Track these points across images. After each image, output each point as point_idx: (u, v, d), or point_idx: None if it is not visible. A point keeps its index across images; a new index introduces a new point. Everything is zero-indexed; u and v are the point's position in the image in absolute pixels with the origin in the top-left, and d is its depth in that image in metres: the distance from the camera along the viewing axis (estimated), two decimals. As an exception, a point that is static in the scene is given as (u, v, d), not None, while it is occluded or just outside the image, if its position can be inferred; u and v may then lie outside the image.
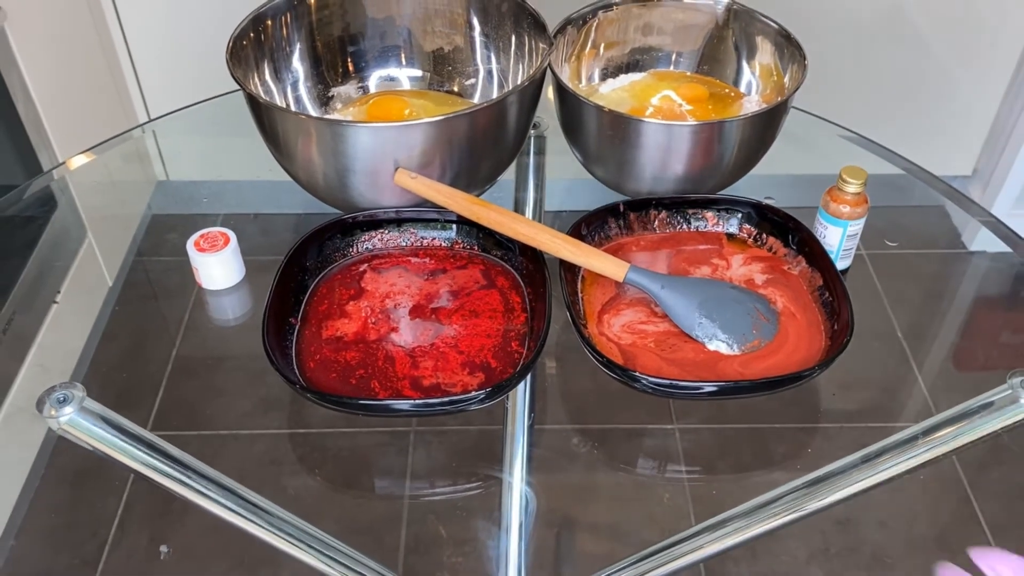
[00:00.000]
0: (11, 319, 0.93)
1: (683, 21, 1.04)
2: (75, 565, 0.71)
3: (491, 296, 0.86)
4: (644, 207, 0.92)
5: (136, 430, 0.78)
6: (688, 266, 0.89)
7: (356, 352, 0.81)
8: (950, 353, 0.91)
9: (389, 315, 0.84)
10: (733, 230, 0.92)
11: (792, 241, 0.90)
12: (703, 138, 0.87)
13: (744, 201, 0.92)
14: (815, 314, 0.84)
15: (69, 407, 0.77)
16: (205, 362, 0.88)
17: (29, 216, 1.06)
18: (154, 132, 1.22)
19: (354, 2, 1.02)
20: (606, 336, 0.82)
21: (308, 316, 0.84)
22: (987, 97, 1.77)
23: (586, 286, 0.87)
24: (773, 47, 0.99)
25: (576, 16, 1.00)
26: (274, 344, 0.78)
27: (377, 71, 1.06)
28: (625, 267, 0.82)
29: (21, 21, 1.30)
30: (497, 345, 0.81)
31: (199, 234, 0.92)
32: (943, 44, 1.69)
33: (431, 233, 0.92)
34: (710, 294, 0.83)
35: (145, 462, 0.76)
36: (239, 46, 0.92)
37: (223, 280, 0.92)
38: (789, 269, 0.89)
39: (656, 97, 1.01)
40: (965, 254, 1.03)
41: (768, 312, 0.84)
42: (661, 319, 0.84)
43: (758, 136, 0.92)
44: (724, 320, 0.82)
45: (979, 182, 1.88)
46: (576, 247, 0.83)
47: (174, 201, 1.12)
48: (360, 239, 0.91)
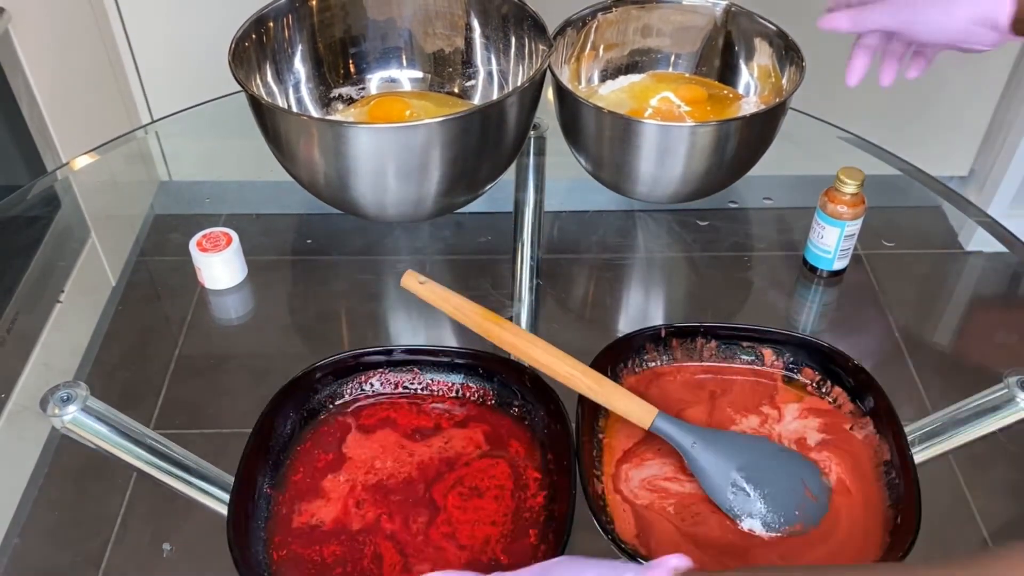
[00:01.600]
0: (15, 318, 0.93)
1: (681, 23, 1.04)
2: (78, 563, 0.71)
3: (498, 468, 0.71)
4: (691, 335, 0.78)
5: (139, 429, 0.78)
6: (733, 413, 0.75)
7: (336, 546, 0.66)
8: (947, 353, 0.92)
9: (375, 493, 0.69)
10: (792, 372, 0.78)
11: (860, 399, 0.75)
12: (702, 139, 0.88)
13: (810, 343, 0.77)
14: (875, 494, 0.69)
15: (72, 406, 0.77)
16: (207, 361, 0.89)
17: (33, 216, 1.06)
18: (157, 133, 1.22)
19: (355, 4, 1.03)
20: (621, 493, 0.69)
21: (284, 484, 0.70)
22: (983, 98, 1.78)
23: (610, 422, 0.74)
24: (771, 49, 1.00)
25: (576, 18, 1.01)
26: (241, 523, 0.64)
27: (378, 72, 1.07)
28: (652, 413, 0.70)
29: (25, 23, 1.31)
30: (508, 535, 0.67)
31: (201, 234, 0.92)
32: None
33: (434, 376, 0.77)
34: (751, 457, 0.69)
35: (148, 460, 0.76)
36: (241, 48, 0.92)
37: (225, 280, 0.93)
38: (853, 431, 0.74)
39: (655, 98, 1.02)
40: (962, 254, 1.03)
41: (818, 487, 0.69)
42: (689, 478, 0.70)
43: (756, 137, 0.92)
44: (764, 492, 0.68)
45: (975, 183, 1.88)
46: (598, 383, 0.70)
47: (177, 201, 1.12)
48: (358, 378, 0.77)
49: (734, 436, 0.72)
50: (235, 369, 0.88)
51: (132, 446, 0.77)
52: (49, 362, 0.88)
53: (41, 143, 1.38)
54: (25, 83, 1.33)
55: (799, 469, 0.70)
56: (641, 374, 0.77)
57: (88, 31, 1.55)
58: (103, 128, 1.41)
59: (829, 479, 0.70)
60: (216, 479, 0.75)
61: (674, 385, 0.77)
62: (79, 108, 1.50)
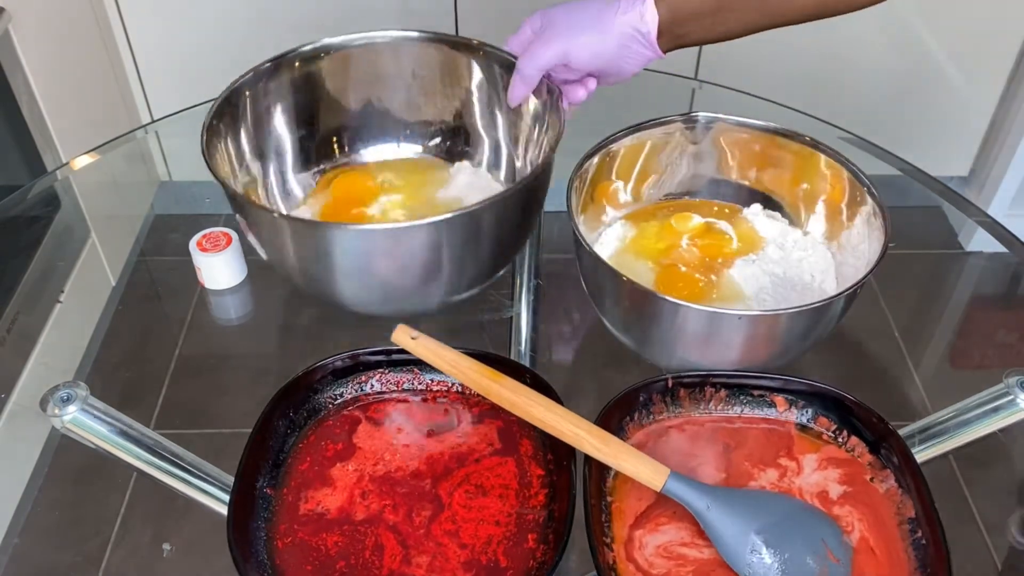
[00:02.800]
0: (15, 318, 0.93)
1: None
2: (78, 563, 0.71)
3: (506, 467, 0.71)
4: (699, 385, 0.74)
5: (139, 428, 0.79)
6: (751, 466, 0.71)
7: (339, 536, 0.66)
8: (947, 353, 0.92)
9: (381, 485, 0.70)
10: (806, 421, 0.74)
11: (879, 449, 0.70)
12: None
13: (824, 391, 0.72)
14: (901, 554, 0.65)
15: (72, 406, 0.77)
16: (207, 361, 0.89)
17: (33, 216, 1.06)
18: (157, 133, 1.22)
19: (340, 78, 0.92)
20: (635, 562, 0.65)
21: (287, 475, 0.70)
22: (984, 98, 1.78)
23: (618, 483, 0.69)
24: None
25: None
26: (241, 523, 0.64)
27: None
28: (664, 474, 0.65)
29: (25, 23, 1.31)
30: (510, 536, 0.66)
31: (201, 234, 0.92)
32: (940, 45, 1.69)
33: (434, 376, 0.76)
34: (770, 519, 0.65)
35: (148, 460, 0.76)
36: (213, 127, 0.82)
37: (225, 280, 0.93)
38: (874, 483, 0.69)
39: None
40: (962, 254, 1.03)
41: (839, 548, 0.65)
42: (707, 543, 0.65)
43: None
44: (785, 556, 0.64)
45: (976, 183, 1.88)
46: (604, 442, 0.66)
47: (177, 201, 1.12)
48: (358, 378, 0.76)
49: (750, 495, 0.68)
50: (235, 369, 0.88)
51: (132, 446, 0.77)
52: (49, 362, 0.88)
53: (41, 143, 1.38)
54: (25, 83, 1.34)
55: (820, 529, 0.66)
56: (648, 427, 0.73)
57: (88, 31, 1.55)
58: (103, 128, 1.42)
59: (851, 537, 0.66)
60: (216, 479, 0.75)
61: (684, 439, 0.73)
62: (79, 108, 1.50)
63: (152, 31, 1.62)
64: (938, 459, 0.77)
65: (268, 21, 1.57)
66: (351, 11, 1.57)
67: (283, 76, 0.88)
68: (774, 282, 0.83)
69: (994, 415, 0.79)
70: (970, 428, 0.79)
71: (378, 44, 0.90)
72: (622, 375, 0.84)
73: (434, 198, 0.92)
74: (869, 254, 0.79)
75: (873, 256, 0.76)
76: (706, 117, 0.86)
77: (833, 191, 0.85)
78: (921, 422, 0.79)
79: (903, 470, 0.68)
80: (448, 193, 0.93)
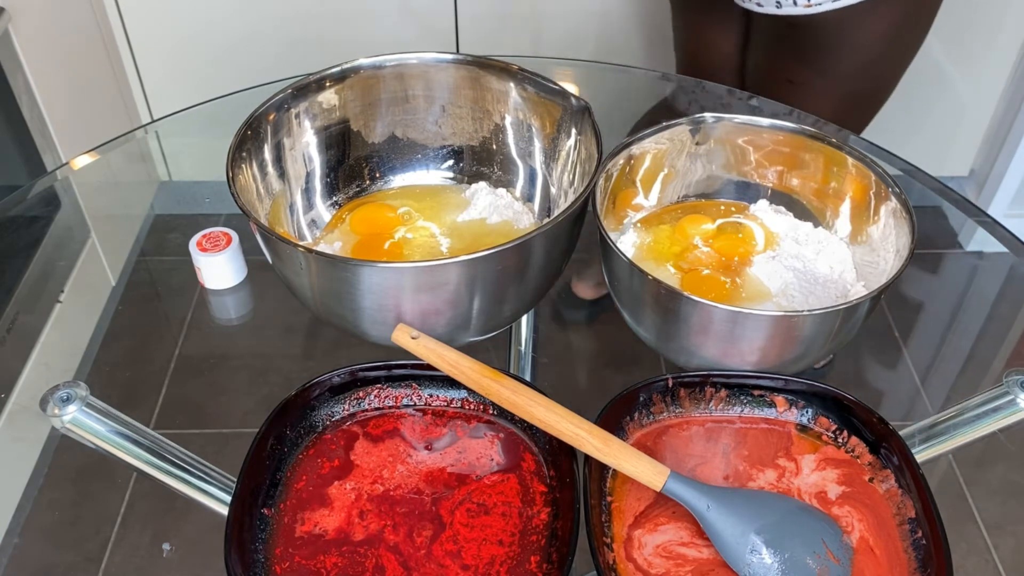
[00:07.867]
0: (15, 318, 0.93)
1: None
2: (78, 562, 0.71)
3: (507, 484, 0.69)
4: (699, 385, 0.74)
5: (139, 429, 0.79)
6: (750, 467, 0.71)
7: (337, 558, 0.64)
8: (947, 353, 0.92)
9: (380, 504, 0.68)
10: (806, 421, 0.74)
11: (879, 449, 0.70)
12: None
13: (823, 391, 0.72)
14: (901, 554, 0.65)
15: (72, 406, 0.77)
16: (207, 361, 0.89)
17: (33, 216, 1.06)
18: (157, 133, 1.22)
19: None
20: (635, 562, 0.65)
21: (285, 494, 0.68)
22: (984, 98, 1.78)
23: (618, 484, 0.69)
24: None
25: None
26: (239, 547, 0.62)
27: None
28: (664, 474, 0.65)
29: (25, 23, 1.31)
30: (513, 556, 0.64)
31: (201, 234, 0.92)
32: (940, 45, 1.69)
33: (433, 391, 0.75)
34: (772, 519, 0.65)
35: (148, 460, 0.76)
36: (237, 159, 0.81)
37: (225, 280, 0.93)
38: (874, 483, 0.69)
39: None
40: (962, 254, 1.03)
41: (839, 548, 0.65)
42: (707, 542, 0.66)
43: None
44: (784, 556, 0.64)
45: (976, 183, 1.89)
46: (605, 442, 0.65)
47: (176, 201, 1.12)
48: (355, 394, 0.74)
49: (750, 495, 0.68)
50: (235, 369, 0.88)
51: (132, 446, 0.77)
52: (49, 362, 0.88)
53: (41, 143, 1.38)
54: (25, 83, 1.34)
55: (820, 529, 0.66)
56: (649, 427, 0.73)
57: (88, 31, 1.55)
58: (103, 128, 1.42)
59: (851, 538, 0.66)
60: (216, 479, 0.75)
61: (684, 439, 0.73)
62: (79, 108, 1.50)
63: (152, 31, 1.62)
64: (938, 459, 0.77)
65: (268, 21, 1.57)
66: (351, 11, 1.57)
67: (308, 99, 0.84)
68: (798, 277, 0.82)
69: (994, 415, 0.79)
70: (970, 428, 0.79)
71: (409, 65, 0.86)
72: (622, 375, 0.84)
73: (456, 222, 0.87)
74: (898, 245, 0.77)
75: (904, 250, 0.75)
76: (712, 117, 0.86)
77: (856, 189, 0.84)
78: (921, 422, 0.79)
79: (903, 470, 0.67)
80: (470, 215, 0.87)
